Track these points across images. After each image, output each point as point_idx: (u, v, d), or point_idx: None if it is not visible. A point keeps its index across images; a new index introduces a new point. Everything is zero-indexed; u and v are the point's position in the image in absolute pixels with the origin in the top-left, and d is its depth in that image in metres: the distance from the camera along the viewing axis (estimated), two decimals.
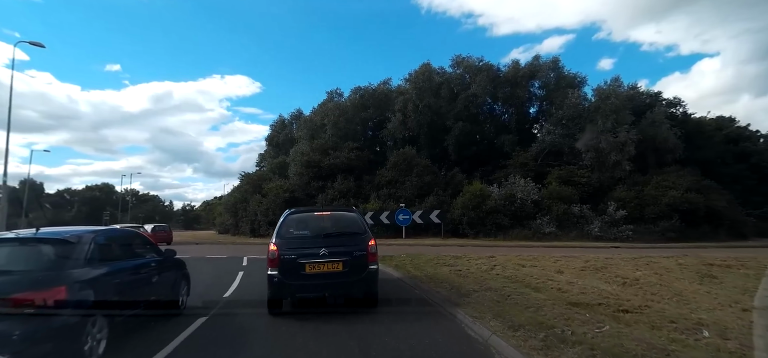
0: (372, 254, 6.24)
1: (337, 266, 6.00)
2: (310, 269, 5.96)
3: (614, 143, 29.21)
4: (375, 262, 6.28)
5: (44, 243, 4.47)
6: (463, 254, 12.92)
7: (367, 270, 6.15)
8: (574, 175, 29.14)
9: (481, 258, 11.88)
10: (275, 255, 6.02)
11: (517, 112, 35.85)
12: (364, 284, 6.14)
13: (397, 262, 11.80)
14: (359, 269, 6.10)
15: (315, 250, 6.04)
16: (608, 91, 31.38)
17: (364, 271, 6.12)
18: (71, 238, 4.58)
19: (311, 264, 5.96)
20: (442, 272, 9.41)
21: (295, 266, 5.96)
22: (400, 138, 35.56)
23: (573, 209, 26.66)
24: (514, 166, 31.20)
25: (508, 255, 12.83)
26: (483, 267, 10.05)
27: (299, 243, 6.24)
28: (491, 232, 26.39)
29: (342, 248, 6.11)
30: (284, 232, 6.40)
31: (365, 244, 6.25)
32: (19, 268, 4.20)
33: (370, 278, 6.17)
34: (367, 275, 6.14)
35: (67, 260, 4.32)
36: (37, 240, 4.50)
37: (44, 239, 4.53)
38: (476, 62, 35.90)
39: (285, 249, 6.07)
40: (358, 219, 6.82)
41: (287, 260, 5.98)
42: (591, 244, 22.68)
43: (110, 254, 5.10)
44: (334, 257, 6.01)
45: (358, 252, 6.14)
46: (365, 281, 6.14)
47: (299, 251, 6.05)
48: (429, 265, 10.79)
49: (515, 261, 11.15)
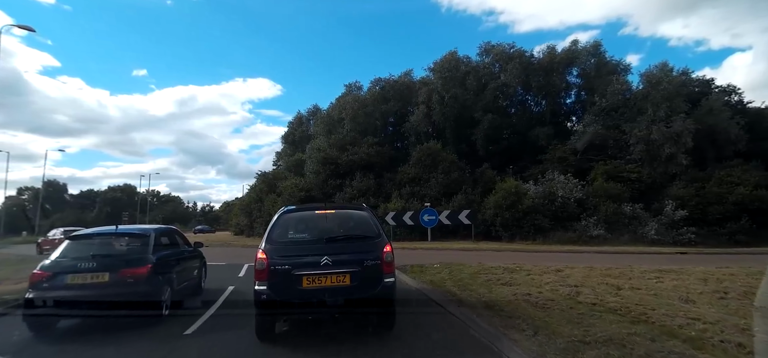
0: (388, 264, 4.98)
1: (343, 279, 4.80)
2: (308, 284, 4.75)
3: (668, 134, 25.76)
4: (392, 273, 5.04)
5: (125, 236, 6.51)
6: (514, 265, 10.12)
7: (381, 284, 4.89)
8: (623, 170, 25.79)
9: (545, 272, 8.93)
10: (264, 265, 4.80)
11: (552, 103, 32.58)
12: (377, 301, 4.86)
13: (432, 275, 9.17)
14: (372, 282, 4.86)
15: (315, 258, 4.85)
16: (659, 75, 27.84)
17: (377, 285, 4.87)
18: (143, 233, 6.63)
19: (310, 277, 4.76)
20: (503, 295, 6.72)
21: (289, 280, 4.75)
22: (423, 132, 32.88)
23: (624, 209, 23.37)
24: (550, 161, 28.05)
25: (576, 266, 9.84)
26: (559, 289, 7.10)
27: (295, 250, 5.03)
28: (529, 234, 23.37)
29: (350, 256, 4.90)
30: (277, 235, 5.18)
31: (379, 250, 4.98)
32: (116, 253, 6.15)
33: (385, 293, 4.89)
34: (381, 290, 4.87)
35: (145, 247, 6.25)
36: (120, 234, 6.50)
37: (124, 233, 6.58)
38: (507, 49, 32.86)
39: (277, 257, 4.85)
40: (369, 219, 5.52)
41: (279, 272, 4.77)
42: (652, 249, 19.44)
43: (163, 244, 6.85)
44: (339, 268, 4.81)
45: (371, 261, 4.90)
46: (379, 298, 4.85)
47: (295, 260, 4.84)
48: (476, 281, 8.08)
49: (601, 278, 8.12)
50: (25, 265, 12.07)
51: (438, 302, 6.68)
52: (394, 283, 5.01)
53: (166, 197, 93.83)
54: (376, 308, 4.97)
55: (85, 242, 6.29)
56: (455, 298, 6.69)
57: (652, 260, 14.62)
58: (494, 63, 34.09)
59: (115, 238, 6.43)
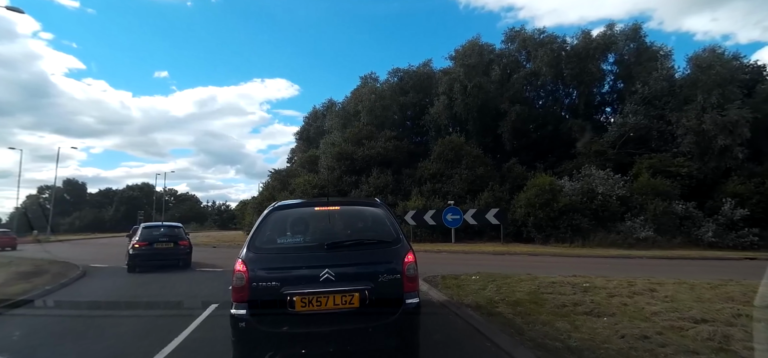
0: (410, 279, 3.61)
1: (350, 301, 3.42)
2: (302, 306, 3.40)
3: (722, 124, 22.92)
4: (415, 292, 3.67)
5: (173, 227, 13.85)
6: (579, 278, 7.83)
7: (402, 307, 3.52)
8: (670, 164, 23.08)
9: (635, 292, 6.51)
10: (243, 281, 3.50)
11: (586, 93, 29.87)
12: (395, 333, 3.54)
13: (474, 292, 7.07)
14: (389, 304, 3.48)
15: (312, 271, 3.50)
16: (710, 59, 24.95)
17: (396, 308, 3.50)
18: (179, 225, 14.65)
19: (305, 297, 3.41)
20: (603, 338, 4.37)
21: (276, 300, 3.40)
22: (444, 125, 30.59)
23: (675, 207, 20.73)
24: (585, 154, 25.48)
25: (663, 281, 7.42)
26: (683, 325, 4.68)
27: (286, 259, 3.69)
28: (566, 236, 20.94)
29: (359, 268, 3.56)
30: (262, 241, 3.84)
31: (399, 260, 3.64)
32: (171, 234, 13.03)
33: (406, 323, 3.55)
34: (401, 317, 3.50)
35: (183, 230, 13.90)
36: (169, 226, 13.95)
37: (171, 225, 14.20)
38: (536, 35, 30.27)
39: (260, 270, 3.54)
40: (385, 218, 4.12)
41: (262, 289, 3.46)
42: (714, 254, 16.90)
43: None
44: (345, 284, 3.44)
45: (388, 275, 3.56)
46: (398, 328, 3.52)
47: (285, 274, 3.52)
48: (543, 306, 5.81)
49: (721, 301, 5.79)
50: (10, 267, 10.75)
51: (495, 342, 4.58)
52: (418, 305, 3.66)
53: (183, 196, 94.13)
54: (394, 342, 3.62)
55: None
56: (524, 337, 4.56)
57: (728, 268, 12.19)
58: (520, 51, 31.56)
59: (167, 228, 13.68)
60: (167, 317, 6.48)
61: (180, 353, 4.57)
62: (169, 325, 5.59)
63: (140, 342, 4.92)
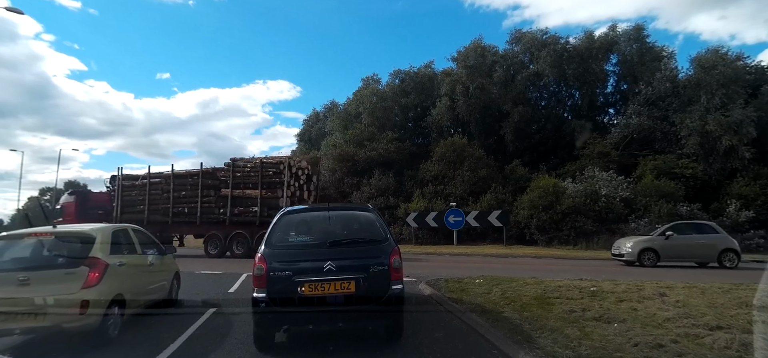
0: (396, 270, 4.57)
1: (347, 287, 4.35)
2: (309, 291, 4.32)
3: (727, 124, 22.73)
4: (399, 280, 4.61)
5: None
6: (587, 282, 7.67)
7: (388, 292, 4.48)
8: (675, 165, 22.87)
9: (644, 296, 6.32)
10: (262, 271, 4.41)
11: (589, 93, 29.67)
12: (384, 311, 4.51)
13: (479, 295, 6.91)
14: (378, 290, 4.44)
15: (317, 264, 4.40)
16: (713, 59, 24.76)
17: (384, 293, 4.46)
18: None
19: (312, 284, 4.33)
20: (613, 344, 4.25)
21: (289, 287, 4.35)
22: (446, 126, 30.47)
23: (680, 209, 20.52)
24: (589, 156, 25.30)
25: (673, 284, 7.22)
26: (698, 332, 4.50)
27: (296, 254, 4.64)
28: (569, 238, 20.75)
29: (355, 261, 4.49)
30: (277, 239, 4.80)
31: (387, 255, 4.57)
32: None
33: (392, 303, 4.50)
34: (388, 299, 4.47)
35: None
36: None
37: None
38: (539, 36, 30.10)
39: (276, 263, 4.46)
40: (376, 221, 5.12)
41: (278, 278, 4.39)
42: None
43: None
44: (343, 274, 4.37)
45: (378, 267, 4.48)
46: (386, 308, 4.48)
47: (295, 266, 4.45)
48: (551, 311, 5.57)
49: (732, 305, 5.62)
50: None
51: (502, 349, 4.42)
52: (402, 290, 4.61)
53: None
54: (383, 318, 4.69)
55: None
56: (532, 344, 4.40)
57: (735, 271, 12.00)
58: (524, 52, 31.36)
59: None
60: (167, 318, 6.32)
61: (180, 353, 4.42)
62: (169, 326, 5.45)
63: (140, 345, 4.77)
